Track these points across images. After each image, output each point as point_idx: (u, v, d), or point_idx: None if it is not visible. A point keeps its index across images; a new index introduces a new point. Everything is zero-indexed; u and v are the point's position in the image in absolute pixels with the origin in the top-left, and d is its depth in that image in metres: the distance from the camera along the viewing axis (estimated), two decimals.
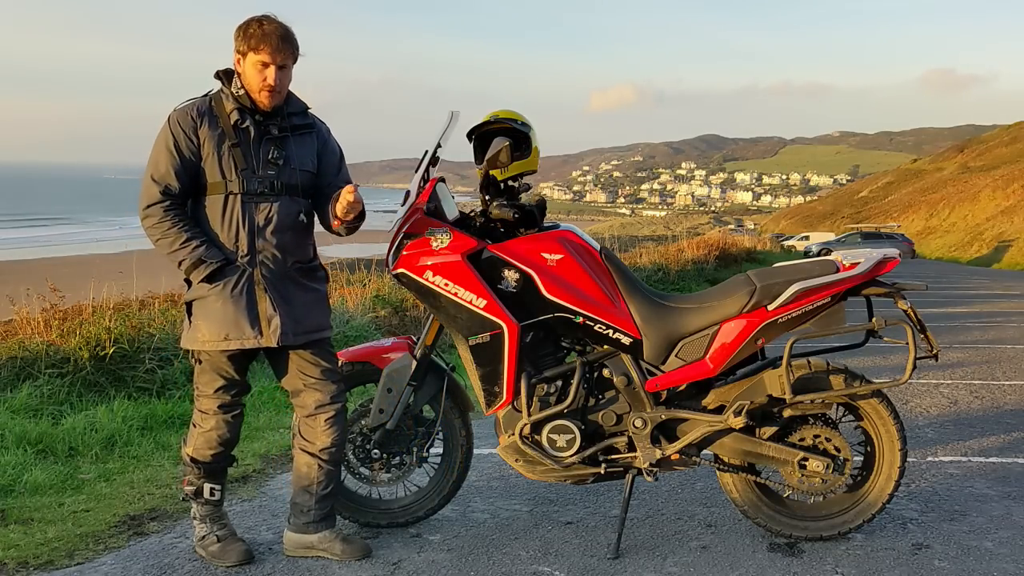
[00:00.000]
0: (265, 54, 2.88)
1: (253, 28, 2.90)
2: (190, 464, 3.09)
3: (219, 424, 3.05)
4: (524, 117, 3.30)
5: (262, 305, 2.96)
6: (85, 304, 6.12)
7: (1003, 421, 5.26)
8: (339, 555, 3.09)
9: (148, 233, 2.95)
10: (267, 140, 2.97)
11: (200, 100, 2.98)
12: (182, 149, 2.90)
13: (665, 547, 3.23)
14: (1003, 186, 50.94)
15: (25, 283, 6.53)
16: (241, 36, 2.91)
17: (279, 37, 2.89)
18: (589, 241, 3.24)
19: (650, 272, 14.28)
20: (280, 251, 2.98)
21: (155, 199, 2.90)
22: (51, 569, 3.07)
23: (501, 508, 3.66)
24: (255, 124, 2.96)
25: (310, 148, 3.08)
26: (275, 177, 2.97)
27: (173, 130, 2.91)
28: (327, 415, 3.08)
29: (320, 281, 3.15)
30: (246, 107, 2.95)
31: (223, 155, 2.92)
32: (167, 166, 2.90)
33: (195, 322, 2.98)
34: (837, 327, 3.15)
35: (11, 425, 4.38)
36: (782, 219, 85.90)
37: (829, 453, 3.17)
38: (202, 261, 2.89)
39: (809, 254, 32.95)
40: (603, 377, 3.21)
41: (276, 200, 2.97)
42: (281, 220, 2.97)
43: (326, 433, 3.08)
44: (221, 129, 2.93)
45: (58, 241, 39.95)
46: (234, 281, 2.93)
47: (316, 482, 3.10)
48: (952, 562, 3.09)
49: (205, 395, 3.05)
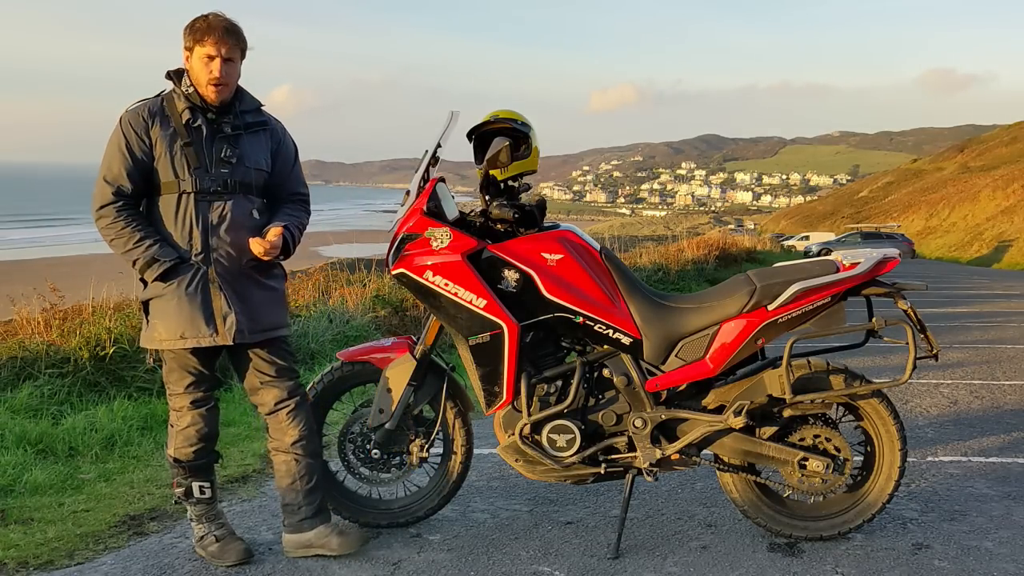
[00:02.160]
0: (210, 46, 2.88)
1: (199, 23, 2.92)
2: (175, 465, 3.10)
3: (195, 420, 3.06)
4: (524, 117, 3.30)
5: (217, 303, 2.96)
6: (85, 304, 6.12)
7: (1003, 421, 5.26)
8: (336, 548, 3.10)
9: (102, 234, 2.95)
10: (220, 138, 2.98)
11: (152, 100, 2.99)
12: (134, 150, 2.90)
13: (665, 547, 3.23)
14: (1003, 186, 50.95)
15: (25, 283, 6.54)
16: (188, 32, 2.93)
17: (223, 29, 2.90)
18: (589, 241, 3.24)
19: (650, 272, 14.27)
20: (235, 249, 2.98)
21: (108, 200, 2.91)
22: (51, 569, 3.07)
23: (501, 508, 3.66)
24: (207, 122, 2.96)
25: (264, 146, 3.08)
26: (228, 175, 2.97)
27: (125, 131, 2.91)
28: (287, 409, 3.11)
29: (277, 279, 3.15)
30: (197, 105, 2.95)
31: (175, 154, 2.92)
32: (119, 167, 2.90)
33: (152, 321, 2.99)
34: (837, 327, 3.15)
35: (11, 425, 4.38)
36: (782, 219, 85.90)
37: (829, 453, 3.17)
38: (155, 260, 2.89)
39: (809, 254, 32.95)
40: (603, 377, 3.21)
41: (230, 198, 2.97)
42: (235, 218, 2.98)
43: (292, 426, 3.11)
44: (173, 128, 2.93)
45: (58, 241, 39.94)
46: (188, 279, 2.94)
47: (298, 477, 3.12)
48: (952, 562, 3.09)
49: (176, 393, 3.06)
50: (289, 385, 3.12)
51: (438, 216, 3.15)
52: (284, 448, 3.12)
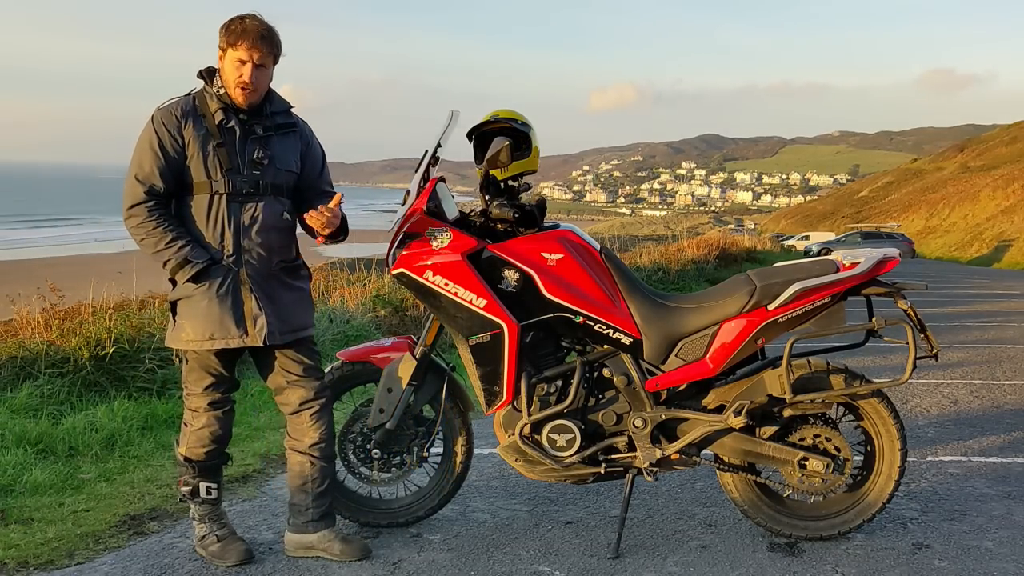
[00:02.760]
0: (243, 51, 2.87)
1: (235, 25, 2.89)
2: (185, 464, 3.09)
3: (210, 421, 3.06)
4: (524, 117, 3.30)
5: (248, 305, 2.96)
6: (85, 304, 6.12)
7: (1003, 421, 5.26)
8: (338, 555, 3.09)
9: (132, 233, 2.93)
10: (252, 140, 2.97)
11: (183, 99, 2.97)
12: (167, 148, 2.88)
13: (665, 547, 3.23)
14: (1003, 186, 50.93)
15: (25, 283, 6.53)
16: (223, 32, 2.91)
17: (258, 35, 2.88)
18: (589, 241, 3.24)
19: (650, 272, 14.27)
20: (265, 250, 2.98)
21: (139, 199, 2.88)
22: (51, 569, 3.07)
23: (501, 508, 3.66)
24: (240, 123, 2.95)
25: (293, 148, 3.08)
26: (260, 177, 2.96)
27: (157, 129, 2.89)
28: (312, 410, 3.10)
29: (304, 280, 3.16)
30: (230, 106, 2.94)
31: (208, 155, 2.91)
32: (151, 166, 2.88)
33: (180, 321, 2.98)
34: (837, 327, 3.15)
35: (11, 425, 4.38)
36: (782, 219, 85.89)
37: (829, 453, 3.17)
38: (188, 261, 2.88)
39: (809, 254, 32.94)
40: (603, 377, 3.21)
41: (261, 200, 2.97)
42: (266, 220, 2.97)
43: (313, 428, 3.10)
44: (206, 129, 2.92)
45: (58, 241, 39.95)
46: (220, 281, 2.93)
47: (311, 479, 3.11)
48: (952, 562, 3.09)
49: (194, 394, 3.05)
50: (316, 385, 3.12)
51: (438, 216, 3.15)
52: (302, 449, 3.11)
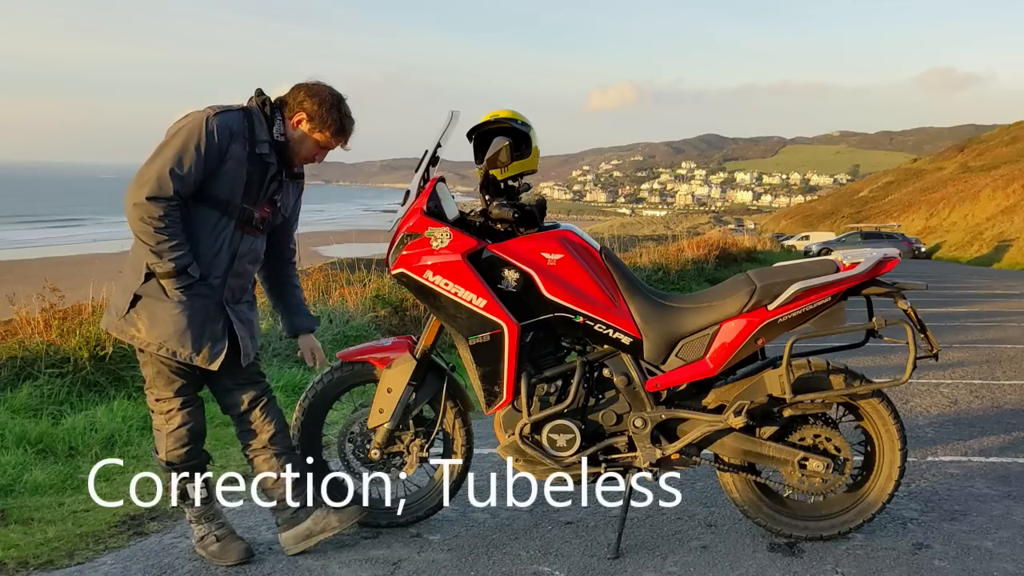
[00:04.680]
0: (334, 143, 3.04)
1: (335, 115, 3.00)
2: (168, 469, 3.09)
3: (186, 418, 3.06)
4: (524, 116, 3.29)
5: (214, 327, 2.99)
6: (85, 304, 6.11)
7: (1003, 421, 5.26)
8: (338, 525, 3.14)
9: (142, 222, 2.80)
10: (274, 180, 3.04)
11: (239, 115, 2.94)
12: (211, 157, 2.86)
13: (665, 547, 3.23)
14: (1003, 186, 50.90)
15: (25, 283, 6.53)
16: (317, 108, 2.97)
17: (349, 136, 3.07)
18: (589, 241, 3.23)
19: (650, 272, 14.26)
20: (246, 279, 3.10)
21: (166, 194, 2.81)
22: (51, 569, 3.07)
23: (501, 508, 3.66)
24: (274, 165, 3.01)
25: (296, 196, 3.23)
26: (270, 216, 3.08)
27: (209, 136, 2.85)
28: (261, 404, 3.17)
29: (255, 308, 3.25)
30: (275, 149, 3.00)
31: (238, 179, 2.92)
32: (191, 166, 2.83)
33: (134, 316, 2.93)
34: (837, 327, 3.15)
35: (11, 425, 4.39)
36: (782, 219, 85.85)
37: (829, 453, 3.17)
38: (185, 272, 2.87)
39: (809, 254, 32.94)
40: (603, 377, 3.21)
41: (260, 236, 3.10)
42: (257, 254, 3.11)
43: (266, 423, 3.15)
44: (248, 153, 2.93)
45: (58, 241, 39.94)
46: (198, 297, 2.93)
47: (280, 469, 3.15)
48: (952, 562, 3.09)
49: (165, 398, 3.04)
50: (261, 384, 3.21)
51: (438, 216, 3.15)
52: (262, 445, 3.15)
